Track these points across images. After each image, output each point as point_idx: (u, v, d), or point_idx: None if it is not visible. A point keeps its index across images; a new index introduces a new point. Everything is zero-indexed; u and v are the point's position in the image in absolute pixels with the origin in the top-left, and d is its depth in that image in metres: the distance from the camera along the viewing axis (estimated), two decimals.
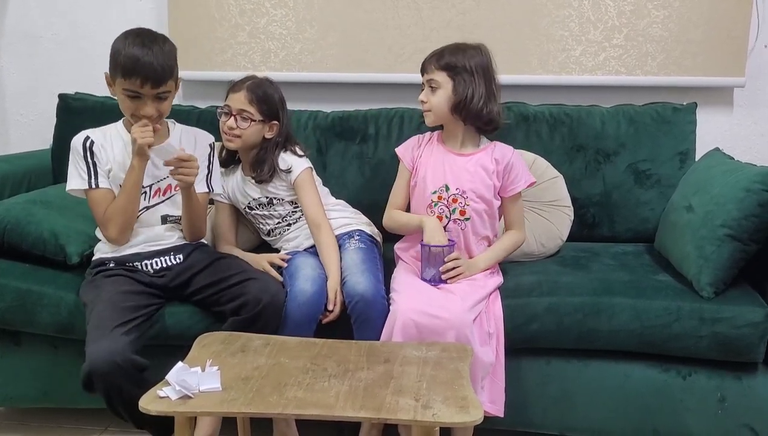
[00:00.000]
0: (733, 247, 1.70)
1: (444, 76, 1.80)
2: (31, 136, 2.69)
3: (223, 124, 1.91)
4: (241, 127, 1.88)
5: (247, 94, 1.88)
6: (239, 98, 1.89)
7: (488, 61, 1.83)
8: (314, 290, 1.70)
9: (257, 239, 2.09)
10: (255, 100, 1.89)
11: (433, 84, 1.81)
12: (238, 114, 1.88)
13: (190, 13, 2.47)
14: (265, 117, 1.91)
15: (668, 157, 2.19)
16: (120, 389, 1.48)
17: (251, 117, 1.88)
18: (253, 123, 1.89)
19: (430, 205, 1.84)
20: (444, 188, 1.83)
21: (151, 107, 1.69)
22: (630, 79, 2.36)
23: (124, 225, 1.73)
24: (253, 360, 1.42)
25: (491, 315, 1.72)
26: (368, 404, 1.26)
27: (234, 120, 1.88)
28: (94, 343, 1.52)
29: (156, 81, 1.67)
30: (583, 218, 2.21)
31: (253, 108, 1.89)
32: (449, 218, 1.83)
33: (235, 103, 1.89)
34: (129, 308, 1.63)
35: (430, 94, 1.82)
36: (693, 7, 2.29)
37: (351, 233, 1.95)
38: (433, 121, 1.85)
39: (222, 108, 1.93)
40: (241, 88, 1.90)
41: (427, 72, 1.83)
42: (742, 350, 1.69)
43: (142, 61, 1.64)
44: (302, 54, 2.46)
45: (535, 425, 1.81)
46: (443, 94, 1.80)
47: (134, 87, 1.66)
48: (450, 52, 1.81)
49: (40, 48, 2.64)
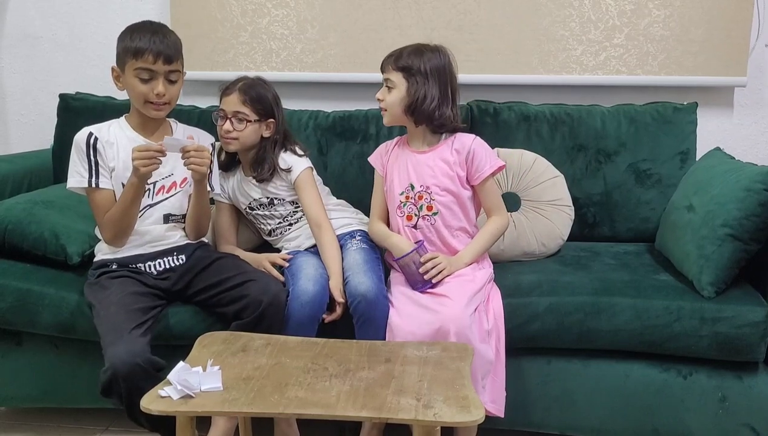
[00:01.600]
0: (734, 246, 1.70)
1: (399, 77, 1.81)
2: (31, 136, 2.69)
3: (219, 127, 1.91)
4: (238, 129, 1.88)
5: (240, 95, 1.88)
6: (233, 100, 1.89)
7: (446, 64, 1.82)
8: (316, 290, 1.70)
9: (258, 238, 2.09)
10: (248, 100, 1.88)
11: (389, 84, 1.82)
12: (233, 116, 1.88)
13: (191, 14, 2.47)
14: (260, 116, 1.90)
15: (669, 157, 2.19)
16: (141, 391, 1.47)
17: (246, 118, 1.88)
18: (249, 123, 1.89)
19: (399, 206, 1.85)
20: (409, 188, 1.84)
21: (162, 86, 1.72)
22: (631, 78, 2.36)
23: (119, 234, 1.74)
24: (254, 360, 1.42)
25: (490, 313, 1.72)
26: (369, 404, 1.26)
27: (230, 123, 1.88)
28: (112, 346, 1.52)
29: (168, 57, 1.71)
30: (583, 217, 2.21)
31: (247, 108, 1.88)
32: (418, 215, 1.84)
33: (229, 106, 1.89)
34: (141, 309, 1.63)
35: (386, 93, 1.83)
36: (694, 7, 2.29)
37: (353, 233, 1.95)
38: (389, 120, 1.86)
39: (217, 112, 1.93)
40: (233, 91, 1.89)
41: (385, 71, 1.84)
42: (742, 349, 1.69)
43: (152, 38, 1.70)
44: (303, 54, 2.46)
45: (535, 424, 1.81)
46: (397, 95, 1.81)
47: (147, 64, 1.70)
48: (408, 53, 1.82)
49: (40, 48, 2.64)
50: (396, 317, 1.69)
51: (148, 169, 1.64)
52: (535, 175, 2.10)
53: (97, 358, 1.58)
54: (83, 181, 1.74)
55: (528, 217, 2.06)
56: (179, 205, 1.83)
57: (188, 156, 1.67)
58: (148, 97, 1.73)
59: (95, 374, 1.54)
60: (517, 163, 2.11)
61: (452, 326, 1.60)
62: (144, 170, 1.63)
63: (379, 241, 1.91)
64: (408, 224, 1.85)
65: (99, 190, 1.74)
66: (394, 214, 1.87)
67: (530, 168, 2.11)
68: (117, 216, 1.72)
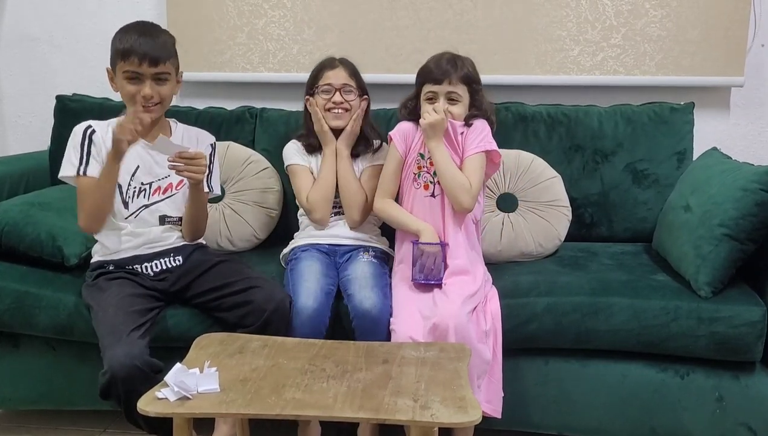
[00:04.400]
0: (731, 246, 1.71)
1: (465, 90, 1.82)
2: (28, 137, 2.69)
3: (327, 101, 1.93)
4: (348, 100, 1.93)
5: (345, 68, 1.96)
6: (340, 74, 1.94)
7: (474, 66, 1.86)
8: (316, 307, 1.69)
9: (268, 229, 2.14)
10: (353, 73, 1.97)
11: (454, 96, 1.81)
12: (341, 88, 1.93)
13: (188, 15, 2.47)
14: (361, 91, 1.97)
15: (666, 157, 2.20)
16: (140, 393, 1.47)
17: (353, 90, 1.95)
18: (356, 97, 1.96)
19: (415, 178, 1.86)
20: (419, 157, 1.85)
21: (149, 88, 1.71)
22: (628, 78, 2.36)
23: (91, 215, 1.72)
24: (252, 361, 1.42)
25: (488, 313, 1.72)
26: (366, 405, 1.26)
27: (339, 94, 1.93)
28: (111, 348, 1.52)
29: (153, 59, 1.69)
30: (581, 217, 2.21)
31: (353, 81, 1.96)
32: (433, 181, 1.84)
33: (338, 79, 1.93)
34: (139, 311, 1.63)
35: (450, 106, 1.81)
36: (691, 7, 2.30)
37: (367, 248, 1.94)
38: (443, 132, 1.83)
39: (315, 88, 1.95)
40: (336, 65, 1.96)
41: (450, 83, 1.80)
42: (739, 349, 1.69)
43: (139, 40, 1.69)
44: (300, 55, 2.46)
45: (533, 424, 1.81)
46: (462, 108, 1.82)
47: (133, 66, 1.69)
48: (462, 62, 1.82)
49: (38, 50, 2.64)
50: (396, 323, 1.68)
51: (123, 138, 1.60)
52: (532, 175, 2.10)
53: (95, 360, 1.58)
54: (73, 170, 1.73)
55: (525, 217, 2.06)
56: (176, 208, 1.82)
57: (177, 167, 1.63)
58: (136, 99, 1.72)
59: (93, 376, 1.54)
60: (514, 164, 2.11)
61: (451, 321, 1.60)
62: (119, 136, 1.60)
63: (402, 222, 1.87)
64: (426, 193, 1.84)
65: (86, 178, 1.73)
66: (410, 188, 1.86)
67: (527, 169, 2.11)
68: (90, 195, 1.70)
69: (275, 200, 2.20)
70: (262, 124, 2.32)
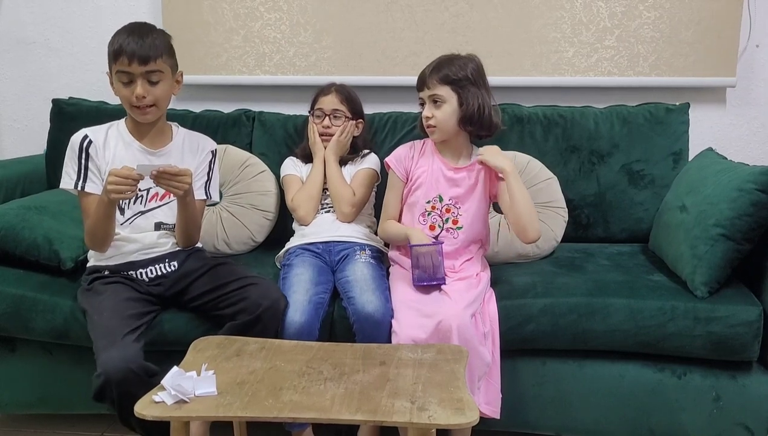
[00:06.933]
0: (727, 246, 1.71)
1: (448, 90, 1.77)
2: (24, 141, 2.68)
3: (317, 125, 2.08)
4: (335, 125, 2.06)
5: (338, 95, 2.08)
6: (331, 99, 2.08)
7: (480, 66, 1.82)
8: (303, 321, 1.68)
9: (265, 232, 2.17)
10: (345, 99, 2.09)
11: (437, 99, 1.78)
12: (331, 113, 2.07)
13: (184, 18, 2.47)
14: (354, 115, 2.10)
15: (662, 158, 2.20)
16: (134, 396, 1.47)
17: (342, 115, 2.08)
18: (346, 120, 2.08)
19: (423, 213, 1.84)
20: (437, 199, 1.84)
21: (141, 88, 1.69)
22: (622, 79, 2.37)
23: (96, 243, 1.73)
24: (249, 364, 1.42)
25: (486, 315, 1.72)
26: (364, 407, 1.26)
27: (328, 119, 2.07)
28: (105, 351, 1.51)
29: (142, 57, 1.68)
30: (577, 218, 2.21)
31: (345, 106, 2.08)
32: (442, 227, 1.84)
33: (328, 105, 2.07)
34: (134, 315, 1.63)
35: (434, 110, 1.79)
36: (684, 8, 2.31)
37: (363, 245, 1.95)
38: (440, 136, 1.82)
39: (312, 111, 2.12)
40: (330, 91, 2.09)
41: (428, 87, 1.79)
42: (736, 349, 1.70)
43: (128, 39, 1.69)
44: (296, 57, 2.47)
45: (531, 425, 1.81)
46: (449, 109, 1.78)
47: (123, 66, 1.69)
48: (446, 64, 1.78)
49: (33, 54, 2.64)
50: (397, 324, 1.68)
51: (119, 197, 1.60)
52: (528, 176, 2.11)
53: (91, 363, 1.57)
54: (71, 184, 1.73)
55: None
56: (172, 214, 1.81)
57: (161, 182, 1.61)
58: (130, 101, 1.71)
59: (90, 380, 1.54)
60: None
61: (454, 322, 1.60)
62: (114, 197, 1.59)
63: (393, 236, 1.89)
64: (430, 233, 1.83)
65: (86, 195, 1.73)
66: (415, 221, 1.85)
67: (524, 170, 2.11)
68: (91, 229, 1.71)
69: (272, 204, 2.20)
70: (259, 127, 2.32)
